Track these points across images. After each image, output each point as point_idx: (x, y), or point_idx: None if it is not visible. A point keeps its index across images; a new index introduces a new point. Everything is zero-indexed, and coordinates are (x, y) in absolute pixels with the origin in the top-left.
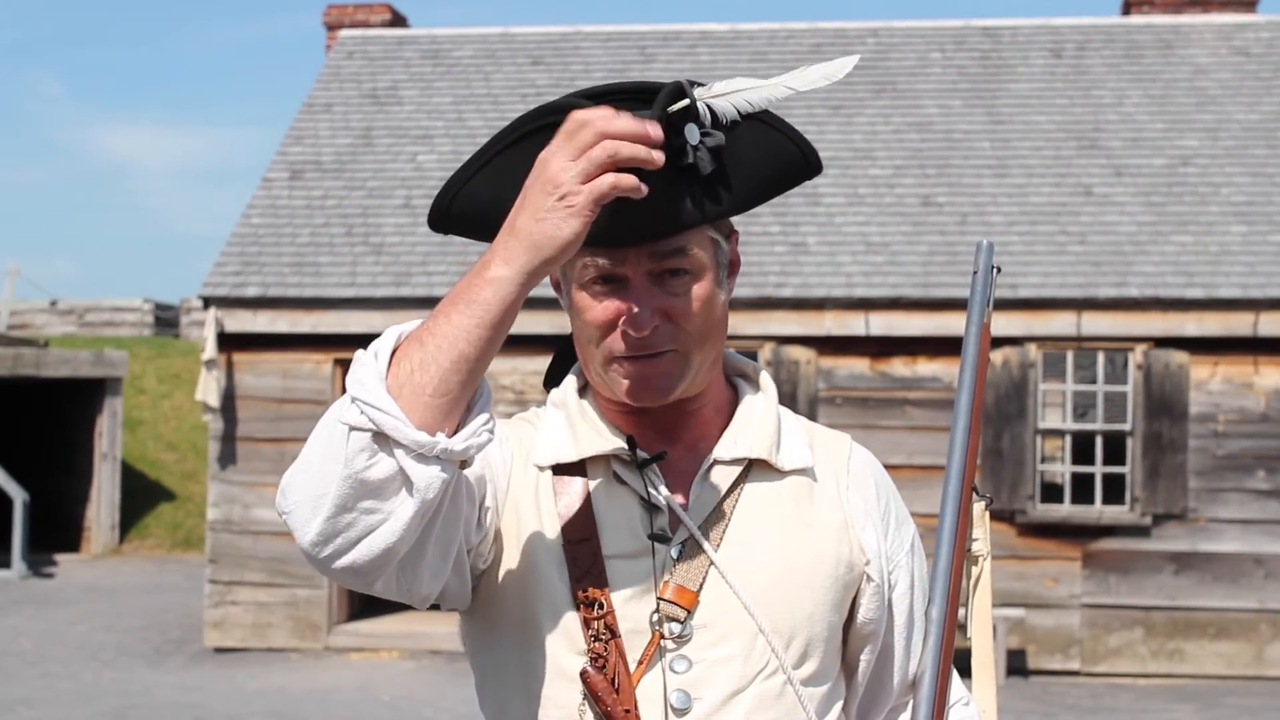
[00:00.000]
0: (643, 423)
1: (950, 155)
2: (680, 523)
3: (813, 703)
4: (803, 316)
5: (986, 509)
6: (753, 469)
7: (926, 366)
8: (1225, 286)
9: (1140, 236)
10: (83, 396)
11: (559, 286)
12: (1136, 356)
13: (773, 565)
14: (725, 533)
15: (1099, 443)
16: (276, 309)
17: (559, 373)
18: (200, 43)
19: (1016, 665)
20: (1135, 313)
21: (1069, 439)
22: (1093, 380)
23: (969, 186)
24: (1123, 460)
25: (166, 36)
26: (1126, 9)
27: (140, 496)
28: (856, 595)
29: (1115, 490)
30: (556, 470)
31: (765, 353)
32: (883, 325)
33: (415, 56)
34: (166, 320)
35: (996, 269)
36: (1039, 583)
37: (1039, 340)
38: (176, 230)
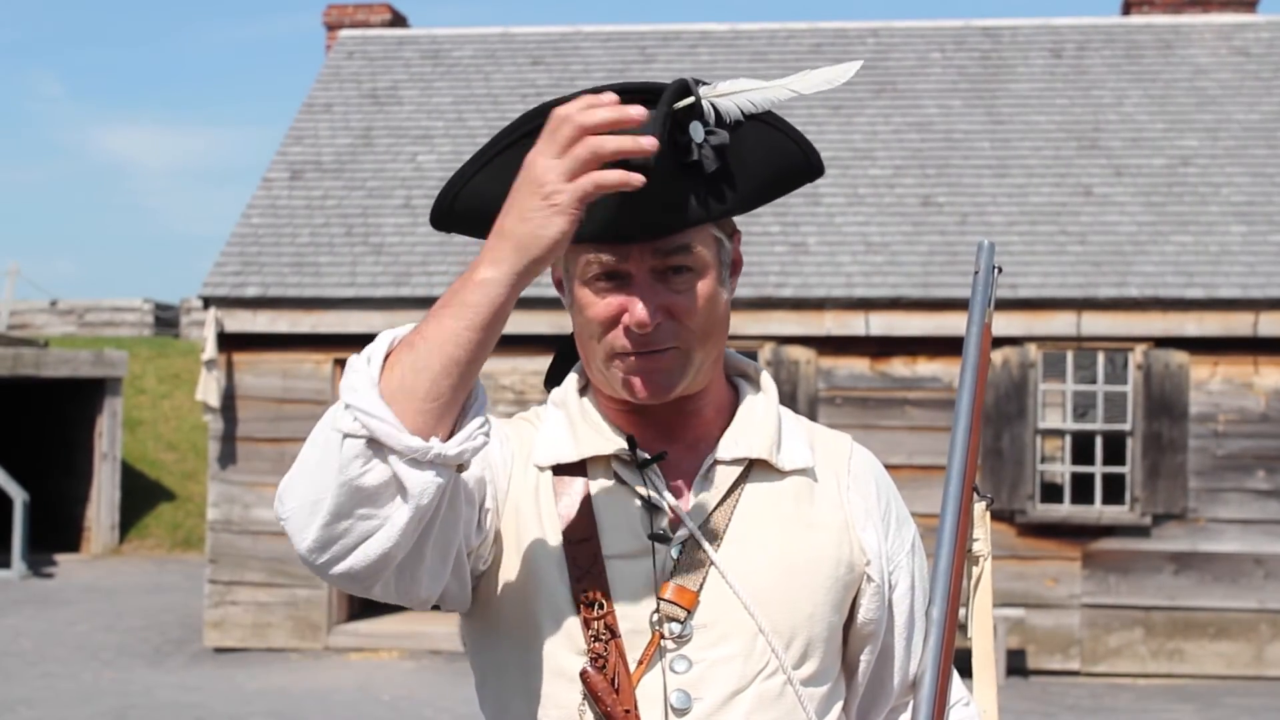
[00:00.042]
0: (644, 422)
1: (950, 155)
2: (680, 523)
3: (813, 703)
4: (803, 316)
5: (987, 509)
6: (753, 469)
7: (926, 366)
8: (1225, 286)
9: (1140, 236)
10: (82, 396)
11: (561, 284)
12: (1136, 356)
13: (773, 565)
14: (725, 533)
15: (1099, 443)
16: (276, 309)
17: (560, 372)
18: (200, 43)
19: (1016, 665)
20: (1135, 313)
21: (1069, 439)
22: (1093, 380)
23: (969, 186)
24: (1123, 460)
25: (166, 36)
26: (1126, 9)
27: (140, 496)
28: (857, 595)
29: (1115, 490)
30: (557, 470)
31: (765, 353)
32: (883, 325)
33: (415, 56)
34: (166, 320)
35: (998, 269)
36: (1039, 583)
37: (1039, 340)
38: (176, 230)
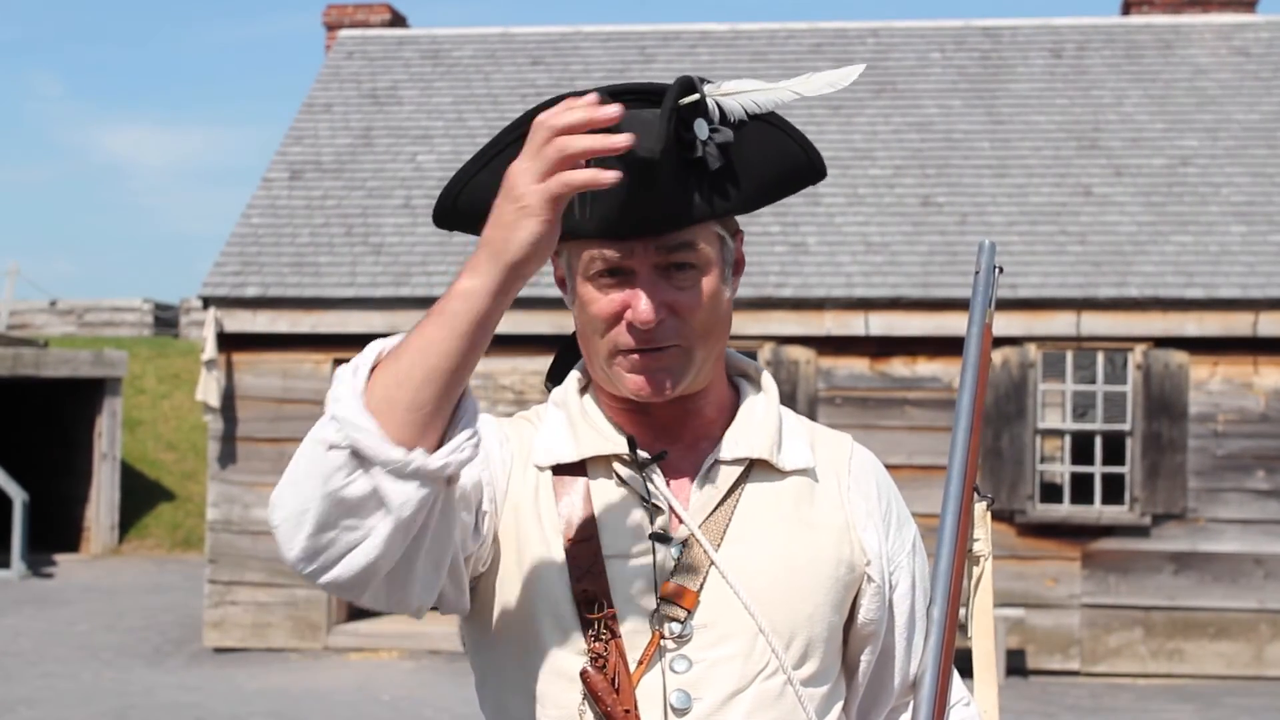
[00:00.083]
0: (645, 421)
1: (950, 155)
2: (681, 522)
3: (813, 703)
4: (802, 316)
5: (988, 509)
6: (754, 469)
7: (926, 366)
8: (1225, 286)
9: (1140, 236)
10: (82, 396)
11: (563, 283)
12: (1136, 356)
13: (773, 565)
14: (726, 533)
15: (1098, 443)
16: (276, 309)
17: (562, 370)
18: (200, 42)
19: (1016, 665)
20: (1135, 313)
21: (1068, 439)
22: (1092, 380)
23: (969, 186)
24: (1122, 460)
25: (166, 36)
26: (1126, 9)
27: (140, 496)
28: (857, 596)
29: (1115, 490)
30: (557, 470)
31: (765, 353)
32: (882, 325)
33: (415, 56)
34: (166, 320)
35: (999, 269)
36: (1039, 583)
37: (1039, 340)
38: (176, 230)
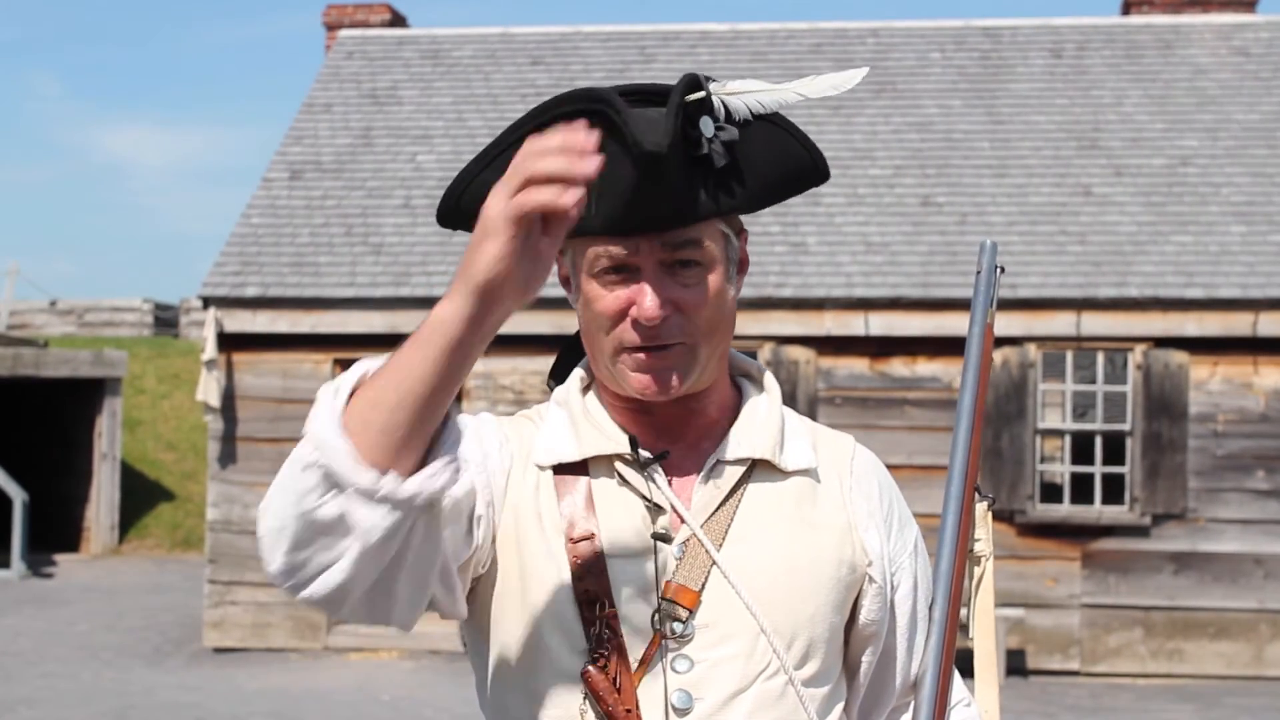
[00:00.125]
0: (647, 420)
1: (950, 155)
2: (683, 522)
3: (814, 703)
4: (802, 316)
5: (989, 509)
6: (756, 469)
7: (926, 366)
8: (1225, 286)
9: (1140, 236)
10: (82, 396)
11: (568, 281)
12: (1136, 356)
13: (775, 566)
14: (728, 533)
15: (1098, 443)
16: (276, 309)
17: (564, 368)
18: (200, 43)
19: (1016, 665)
20: (1135, 313)
21: (1068, 439)
22: (1092, 380)
23: (969, 186)
24: (1122, 460)
25: (166, 36)
26: (1126, 9)
27: (140, 496)
28: (858, 596)
29: (1115, 490)
30: (558, 470)
31: (765, 353)
32: (882, 325)
33: (415, 56)
34: (166, 320)
35: (1000, 269)
36: (1038, 583)
37: (1039, 340)
38: (176, 230)
